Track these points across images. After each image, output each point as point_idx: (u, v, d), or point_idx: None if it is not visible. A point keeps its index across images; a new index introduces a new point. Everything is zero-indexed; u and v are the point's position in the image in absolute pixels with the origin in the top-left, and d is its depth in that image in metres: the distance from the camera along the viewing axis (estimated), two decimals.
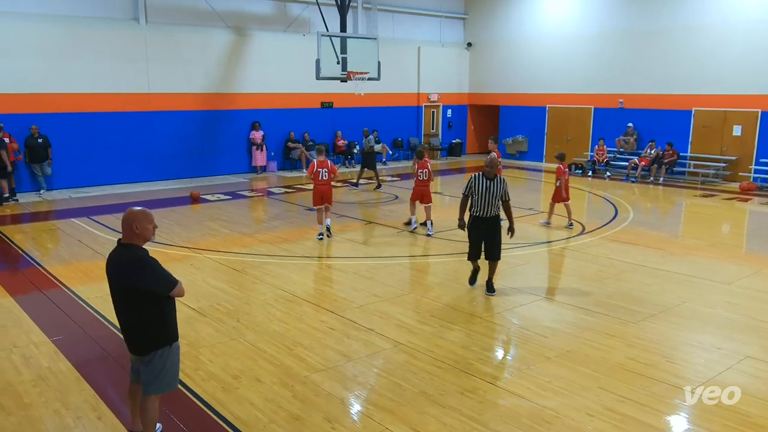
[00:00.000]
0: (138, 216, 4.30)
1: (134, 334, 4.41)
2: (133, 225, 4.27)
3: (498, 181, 8.03)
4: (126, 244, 4.32)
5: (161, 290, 4.30)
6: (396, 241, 11.49)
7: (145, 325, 4.36)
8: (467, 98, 25.90)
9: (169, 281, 4.33)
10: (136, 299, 4.28)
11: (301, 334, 6.94)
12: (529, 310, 7.79)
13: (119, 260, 4.31)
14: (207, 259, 10.04)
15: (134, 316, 4.35)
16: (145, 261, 4.27)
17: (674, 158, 19.00)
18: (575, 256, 10.29)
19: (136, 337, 4.41)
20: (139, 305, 4.30)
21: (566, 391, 5.60)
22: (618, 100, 20.88)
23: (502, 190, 8.03)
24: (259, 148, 19.64)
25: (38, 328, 7.06)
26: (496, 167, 8.12)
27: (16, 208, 14.49)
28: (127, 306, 4.36)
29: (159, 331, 4.39)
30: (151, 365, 4.41)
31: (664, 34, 19.44)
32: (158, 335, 4.40)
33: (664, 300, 8.07)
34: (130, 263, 4.25)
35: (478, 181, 8.00)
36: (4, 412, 5.23)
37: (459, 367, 6.08)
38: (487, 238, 8.10)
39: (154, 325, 4.37)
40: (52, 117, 16.12)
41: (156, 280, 4.27)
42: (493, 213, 8.04)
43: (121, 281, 4.29)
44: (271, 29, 20.01)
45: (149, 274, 4.25)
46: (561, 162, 12.41)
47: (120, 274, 4.29)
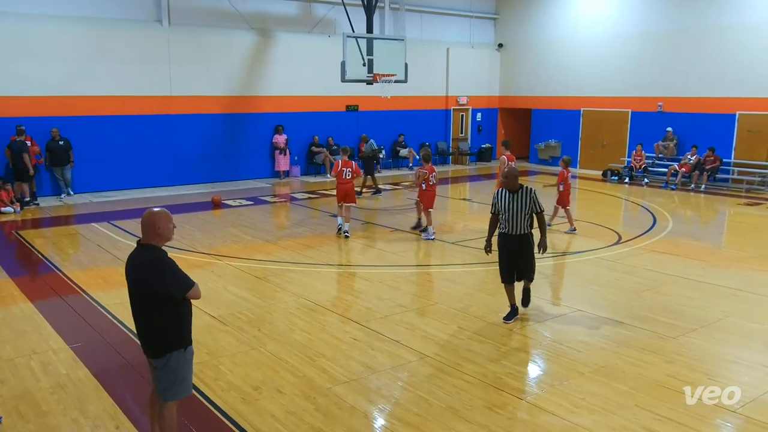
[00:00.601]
0: (161, 216, 4.33)
1: (151, 335, 4.39)
2: (157, 225, 4.30)
3: (524, 193, 7.19)
4: (146, 244, 4.33)
5: (178, 292, 4.29)
6: (423, 250, 11.27)
7: (163, 328, 4.34)
8: (498, 101, 25.56)
9: (186, 283, 4.32)
10: (156, 301, 4.27)
11: (324, 344, 6.77)
12: (562, 323, 7.50)
13: (139, 261, 4.32)
14: (228, 265, 9.94)
15: (152, 317, 4.34)
16: (164, 262, 4.30)
17: (716, 164, 18.34)
18: (611, 267, 9.95)
19: (153, 339, 4.39)
20: (157, 307, 4.29)
21: (601, 408, 5.36)
22: (657, 104, 20.31)
23: (530, 204, 7.16)
24: (282, 152, 19.56)
25: (57, 335, 7.02)
26: (516, 178, 7.25)
27: (37, 212, 14.61)
28: (146, 307, 4.34)
29: (175, 334, 4.37)
30: (167, 369, 4.38)
31: (706, 33, 18.87)
32: (174, 337, 4.38)
33: (706, 314, 7.73)
34: (149, 264, 4.26)
35: (501, 196, 7.25)
36: (23, 420, 5.19)
37: (487, 382, 5.87)
38: (517, 258, 7.32)
39: (171, 328, 4.36)
40: (73, 120, 16.24)
41: (174, 281, 4.27)
42: (523, 230, 7.21)
43: (141, 282, 4.29)
44: (296, 30, 19.97)
45: (169, 275, 4.26)
46: (566, 166, 12.35)
47: (139, 275, 4.29)
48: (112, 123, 16.91)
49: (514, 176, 7.22)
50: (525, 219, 7.18)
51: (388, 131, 22.13)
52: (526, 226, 7.22)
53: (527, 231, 7.25)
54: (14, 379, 5.91)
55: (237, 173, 19.22)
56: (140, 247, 4.36)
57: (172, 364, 4.37)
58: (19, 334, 7.02)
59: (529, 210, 7.16)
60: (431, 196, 11.70)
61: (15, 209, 14.19)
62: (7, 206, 14.14)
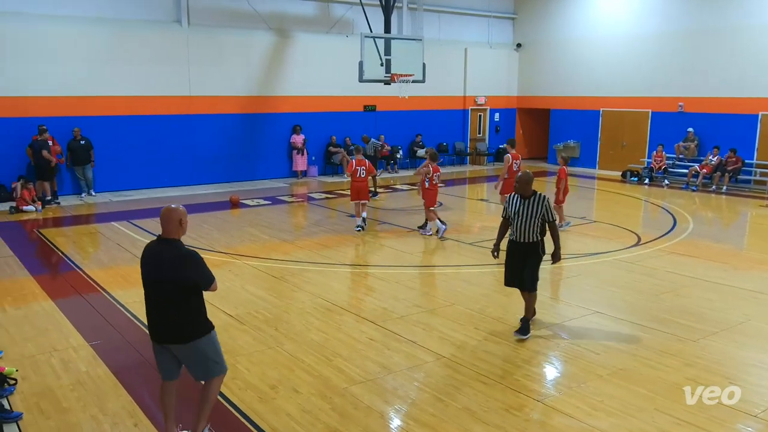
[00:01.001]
0: (182, 211, 4.64)
1: (180, 324, 4.60)
2: (182, 220, 4.59)
3: (536, 200, 6.83)
4: (169, 239, 4.58)
5: (205, 283, 4.61)
6: (439, 250, 11.25)
7: (192, 316, 4.62)
8: (516, 101, 25.42)
9: (211, 276, 4.67)
10: (187, 292, 4.55)
11: (340, 344, 6.77)
12: (580, 324, 7.44)
13: (166, 255, 4.53)
14: (246, 265, 9.98)
15: (182, 307, 4.57)
16: (195, 255, 4.60)
17: (738, 165, 18.05)
18: (630, 269, 9.84)
19: (182, 327, 4.60)
20: (187, 297, 4.56)
21: (619, 411, 5.31)
22: (678, 104, 20.07)
23: (541, 212, 6.82)
24: (299, 152, 19.62)
25: (77, 332, 7.09)
26: (528, 184, 6.90)
27: (58, 210, 14.78)
28: (176, 297, 4.54)
29: (203, 320, 4.69)
30: (201, 351, 4.66)
31: (728, 33, 18.59)
32: (204, 321, 4.70)
33: (727, 317, 7.62)
34: (183, 258, 4.53)
35: (512, 201, 6.96)
36: (43, 416, 5.25)
37: (504, 383, 5.84)
38: (522, 266, 6.95)
39: (199, 315, 4.67)
40: (93, 120, 16.40)
41: (203, 274, 4.60)
42: (530, 238, 6.86)
43: (172, 275, 4.50)
44: (314, 31, 20.02)
45: (201, 269, 4.58)
46: (566, 164, 12.40)
47: (169, 268, 4.50)
48: (132, 123, 17.07)
49: (525, 181, 6.90)
50: (534, 227, 6.83)
51: (405, 131, 22.11)
52: (535, 234, 6.86)
53: (535, 239, 6.88)
54: (35, 375, 5.98)
55: (255, 173, 19.30)
56: (163, 241, 4.59)
57: (205, 345, 4.66)
58: (40, 331, 7.11)
59: (539, 218, 6.81)
60: (433, 194, 11.87)
61: (37, 208, 14.39)
62: (29, 205, 14.34)
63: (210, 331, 4.72)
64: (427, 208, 11.92)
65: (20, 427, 5.08)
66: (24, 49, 15.26)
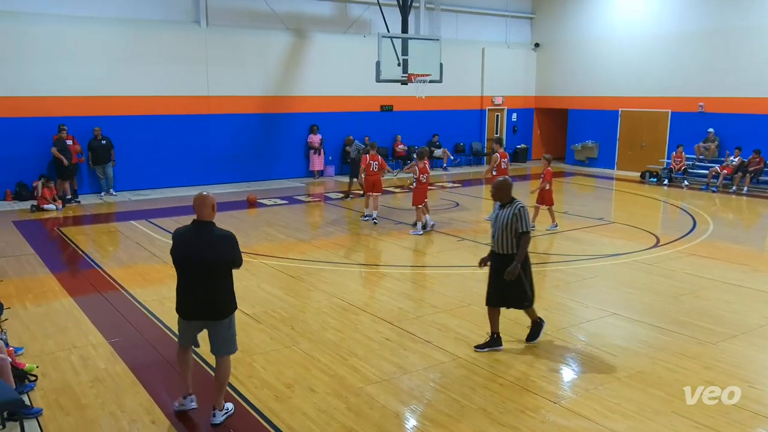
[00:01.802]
0: (214, 198, 5.12)
1: (221, 300, 5.05)
2: (213, 205, 5.06)
3: (511, 208, 6.35)
4: (207, 222, 5.03)
5: (239, 262, 5.13)
6: (455, 250, 11.22)
7: (230, 293, 5.12)
8: (534, 101, 25.28)
9: (241, 256, 5.18)
10: (227, 270, 5.05)
11: (356, 344, 6.78)
12: (597, 326, 7.38)
13: (206, 236, 4.98)
14: (263, 264, 10.02)
15: (223, 284, 5.05)
16: (233, 235, 5.08)
17: (761, 166, 17.75)
18: (648, 270, 9.74)
19: (222, 303, 5.06)
20: (228, 275, 5.06)
21: (637, 414, 5.26)
22: (698, 104, 19.82)
23: (513, 221, 6.29)
24: (316, 152, 19.67)
25: (96, 330, 7.16)
26: (503, 190, 6.42)
27: (78, 209, 14.96)
28: (219, 276, 5.00)
29: (233, 297, 5.16)
30: (231, 327, 5.14)
31: (749, 32, 18.34)
32: (234, 299, 5.17)
33: (747, 320, 7.52)
34: (225, 239, 5.01)
35: (495, 207, 6.57)
36: (62, 412, 5.31)
37: (520, 385, 5.81)
38: (499, 281, 6.42)
39: (232, 292, 5.15)
40: (112, 120, 16.55)
41: (239, 254, 5.11)
42: (506, 250, 6.37)
43: (215, 255, 4.96)
44: (331, 31, 20.06)
45: (237, 247, 5.08)
46: (549, 164, 12.38)
47: (214, 248, 4.96)
48: (151, 122, 17.22)
49: (501, 188, 6.44)
50: (508, 238, 6.34)
51: (422, 131, 22.06)
52: (510, 246, 6.35)
53: (511, 251, 6.35)
54: (55, 372, 6.06)
55: (272, 173, 19.38)
56: (201, 224, 5.02)
57: (232, 322, 5.17)
58: (60, 329, 7.19)
59: (514, 228, 6.31)
60: (419, 193, 12.05)
61: (57, 206, 14.58)
62: (49, 203, 14.53)
63: (233, 312, 5.17)
64: (416, 206, 12.13)
65: (40, 423, 5.14)
66: (44, 50, 15.46)
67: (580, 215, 14.14)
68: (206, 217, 5.02)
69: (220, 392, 5.19)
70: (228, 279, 5.08)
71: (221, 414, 5.16)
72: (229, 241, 5.03)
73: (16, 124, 15.36)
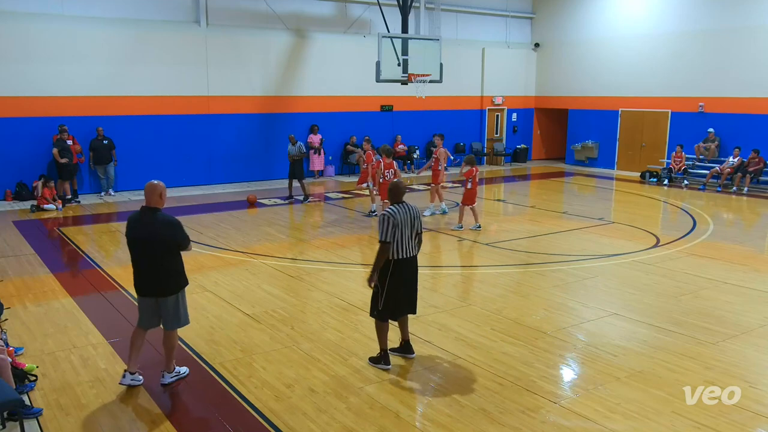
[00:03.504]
0: (163, 186, 5.63)
1: (166, 278, 5.58)
2: (162, 193, 5.58)
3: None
4: (154, 207, 5.52)
5: (186, 244, 5.61)
6: (456, 251, 11.22)
7: (176, 270, 5.63)
8: (534, 101, 25.28)
9: (188, 238, 5.66)
10: (173, 249, 5.55)
11: (356, 344, 6.78)
12: (598, 326, 7.37)
13: (154, 219, 5.47)
14: (263, 264, 10.01)
15: (168, 263, 5.56)
16: (177, 220, 5.60)
17: (760, 166, 17.75)
18: (648, 270, 9.73)
19: (167, 282, 5.59)
20: (173, 254, 5.57)
21: (637, 414, 5.26)
22: (698, 104, 19.83)
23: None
24: (316, 152, 19.66)
25: (96, 330, 7.17)
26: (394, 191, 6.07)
27: (78, 209, 14.95)
28: (164, 255, 5.52)
29: (181, 275, 5.68)
30: (178, 303, 5.66)
31: (749, 33, 18.33)
32: (181, 278, 5.69)
33: (747, 320, 7.51)
34: (168, 221, 5.51)
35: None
36: (63, 412, 5.31)
37: (521, 385, 5.81)
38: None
39: (180, 271, 5.67)
40: (113, 120, 16.56)
41: (185, 235, 5.59)
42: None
43: (159, 235, 5.47)
44: (331, 31, 20.06)
45: (181, 230, 5.55)
46: (473, 165, 12.50)
47: (158, 230, 5.46)
48: (151, 123, 17.22)
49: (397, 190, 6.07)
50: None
51: (422, 131, 22.07)
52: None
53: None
54: (55, 372, 6.06)
55: (272, 173, 19.37)
56: (148, 209, 5.53)
57: (179, 299, 5.68)
58: (60, 328, 7.19)
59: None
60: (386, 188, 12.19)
61: (57, 206, 14.58)
62: (49, 203, 14.53)
63: (184, 287, 5.72)
64: (383, 200, 12.33)
65: (40, 423, 5.14)
66: (45, 50, 15.46)
67: (580, 215, 14.14)
68: (153, 203, 5.52)
69: (168, 359, 5.84)
70: (172, 260, 5.58)
71: (170, 376, 5.83)
72: (171, 226, 5.50)
73: (16, 124, 15.37)
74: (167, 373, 5.84)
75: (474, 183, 12.46)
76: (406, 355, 6.41)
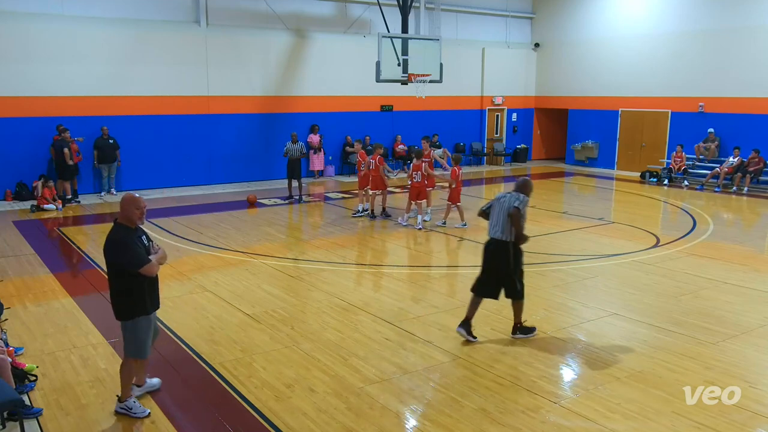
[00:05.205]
0: (127, 200, 5.09)
1: (114, 299, 5.16)
2: (125, 206, 5.06)
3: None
4: (115, 222, 5.11)
5: (129, 266, 4.97)
6: (456, 251, 11.22)
7: (123, 294, 5.08)
8: (534, 101, 25.27)
9: (138, 259, 4.99)
10: (116, 270, 5.03)
11: (356, 344, 6.78)
12: (598, 326, 7.37)
13: (107, 236, 5.06)
14: (263, 264, 10.01)
15: (113, 284, 5.10)
16: (120, 239, 5.00)
17: (761, 166, 17.74)
18: (649, 270, 9.73)
19: (115, 303, 5.17)
20: (117, 275, 5.05)
21: (637, 414, 5.26)
22: (698, 104, 19.82)
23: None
24: (316, 151, 19.66)
25: (96, 330, 7.17)
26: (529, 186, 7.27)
27: (78, 209, 14.94)
28: (109, 275, 5.13)
29: (130, 301, 5.09)
30: (125, 330, 5.22)
31: (749, 33, 18.33)
32: (126, 306, 5.11)
33: (747, 320, 7.51)
34: (110, 239, 5.02)
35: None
36: (63, 412, 5.31)
37: (521, 385, 5.81)
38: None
39: (130, 296, 5.08)
40: (113, 120, 16.53)
41: (128, 258, 4.96)
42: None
43: (105, 252, 5.07)
44: (331, 31, 20.06)
45: (121, 250, 4.95)
46: (457, 164, 12.73)
47: (105, 246, 5.06)
48: (151, 123, 17.21)
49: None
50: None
51: (422, 131, 21.95)
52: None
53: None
54: (55, 372, 6.06)
55: (272, 173, 19.36)
56: (114, 222, 5.14)
57: (131, 328, 5.17)
58: (59, 328, 7.20)
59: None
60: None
61: (57, 206, 14.57)
62: (49, 203, 14.53)
63: (131, 318, 5.14)
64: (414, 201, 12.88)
65: (40, 422, 5.14)
66: (45, 50, 15.45)
67: (580, 215, 14.14)
68: (119, 216, 5.13)
69: (122, 386, 5.30)
70: (117, 281, 5.07)
71: (119, 405, 5.28)
72: (112, 244, 5.01)
73: (15, 124, 15.36)
74: (118, 402, 5.31)
75: (458, 182, 12.60)
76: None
